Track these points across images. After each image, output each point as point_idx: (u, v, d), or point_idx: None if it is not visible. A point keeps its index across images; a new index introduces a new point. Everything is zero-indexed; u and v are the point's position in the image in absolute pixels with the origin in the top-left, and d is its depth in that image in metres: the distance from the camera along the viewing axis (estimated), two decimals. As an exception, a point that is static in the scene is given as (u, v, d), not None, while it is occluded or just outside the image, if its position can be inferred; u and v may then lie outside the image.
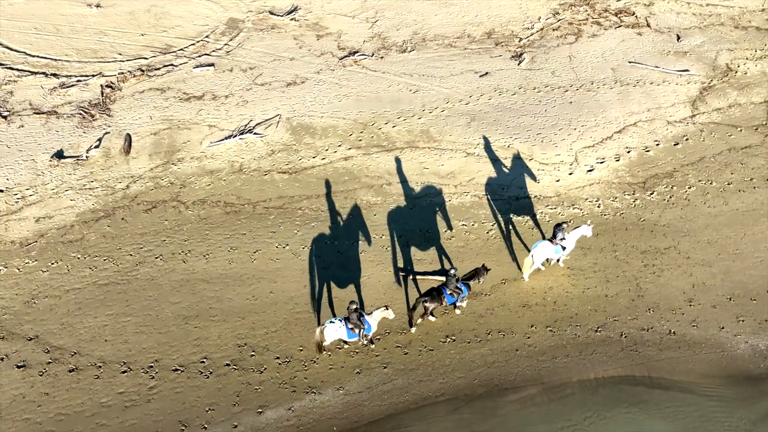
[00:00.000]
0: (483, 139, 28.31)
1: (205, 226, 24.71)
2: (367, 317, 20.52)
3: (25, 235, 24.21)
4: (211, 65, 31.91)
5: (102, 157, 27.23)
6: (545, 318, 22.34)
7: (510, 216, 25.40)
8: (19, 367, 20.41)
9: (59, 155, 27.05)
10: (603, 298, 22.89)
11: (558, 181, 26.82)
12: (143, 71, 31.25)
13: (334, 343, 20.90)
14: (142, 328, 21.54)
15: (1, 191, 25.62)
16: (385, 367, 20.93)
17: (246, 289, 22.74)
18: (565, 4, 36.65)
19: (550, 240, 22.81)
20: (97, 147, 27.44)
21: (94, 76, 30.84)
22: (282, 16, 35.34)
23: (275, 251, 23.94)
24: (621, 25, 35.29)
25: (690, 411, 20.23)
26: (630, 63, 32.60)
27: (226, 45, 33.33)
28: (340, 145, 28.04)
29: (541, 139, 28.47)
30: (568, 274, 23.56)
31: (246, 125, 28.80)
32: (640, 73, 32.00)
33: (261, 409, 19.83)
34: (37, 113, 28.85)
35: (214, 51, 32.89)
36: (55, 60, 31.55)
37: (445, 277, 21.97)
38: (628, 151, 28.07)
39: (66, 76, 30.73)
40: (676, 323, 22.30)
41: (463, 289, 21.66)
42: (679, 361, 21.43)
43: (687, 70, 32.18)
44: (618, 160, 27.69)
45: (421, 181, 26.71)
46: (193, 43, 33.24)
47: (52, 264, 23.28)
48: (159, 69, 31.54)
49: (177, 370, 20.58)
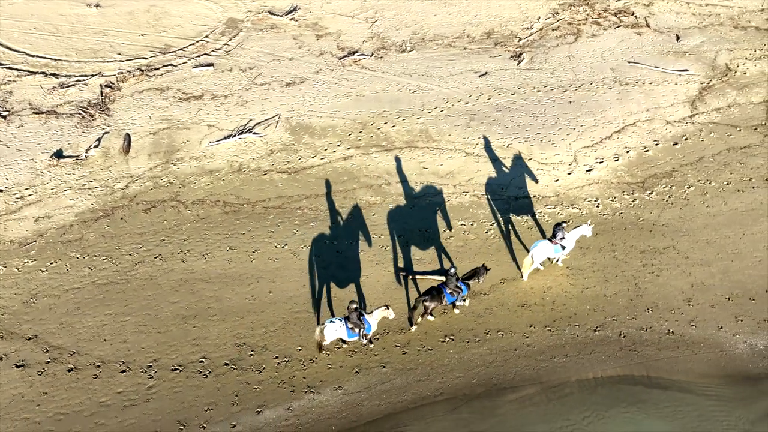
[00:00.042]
0: (482, 138, 28.33)
1: (204, 226, 24.72)
2: (367, 317, 20.51)
3: (24, 235, 24.23)
4: (211, 65, 31.93)
5: (101, 157, 27.24)
6: (544, 318, 22.35)
7: (509, 216, 25.41)
8: (18, 366, 20.42)
9: (58, 155, 27.07)
10: (602, 298, 22.90)
11: (557, 180, 26.83)
12: (143, 71, 31.26)
13: (333, 342, 20.91)
14: (141, 328, 21.55)
15: (0, 191, 25.65)
16: (383, 367, 20.94)
17: (245, 289, 22.75)
18: (564, 4, 36.65)
19: (550, 239, 22.81)
20: (96, 147, 27.45)
21: (93, 75, 30.86)
22: (281, 16, 35.36)
23: (274, 251, 23.95)
24: (620, 25, 35.29)
25: (688, 410, 20.23)
26: (629, 63, 32.60)
27: (225, 45, 33.34)
28: (339, 145, 28.05)
29: (540, 139, 28.48)
30: (567, 274, 23.57)
31: (245, 125, 28.81)
32: (640, 73, 32.00)
33: (260, 409, 19.85)
34: (36, 113, 28.87)
35: (213, 51, 32.90)
36: (55, 60, 31.57)
37: (444, 277, 21.99)
38: (627, 151, 28.08)
39: (65, 76, 30.74)
40: (675, 323, 22.31)
41: (463, 288, 21.68)
42: (678, 360, 21.44)
43: (686, 70, 32.19)
44: (617, 160, 27.70)
45: (420, 181, 26.72)
46: (192, 43, 33.25)
47: (51, 263, 23.29)
48: (158, 69, 31.55)
49: (176, 369, 20.60)
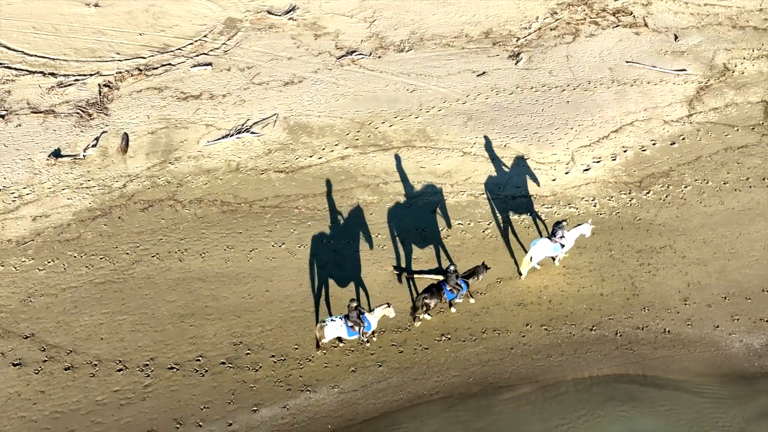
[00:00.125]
0: (479, 138, 28.34)
1: (202, 225, 24.75)
2: (367, 315, 20.55)
3: (21, 234, 24.27)
4: (209, 65, 31.96)
5: (99, 156, 27.28)
6: (540, 316, 22.37)
7: (506, 215, 25.42)
8: (14, 365, 20.47)
9: (56, 154, 27.10)
10: (598, 297, 22.92)
11: (554, 180, 26.85)
12: (141, 70, 31.29)
13: (330, 341, 20.93)
14: (137, 327, 21.59)
15: (-2, 190, 25.74)
16: (380, 366, 20.97)
17: (242, 288, 22.79)
18: (563, 4, 36.64)
19: (550, 238, 22.85)
20: (94, 146, 27.48)
21: (91, 75, 30.89)
22: (280, 16, 35.38)
23: (271, 250, 23.98)
24: (619, 25, 35.29)
25: (684, 409, 20.26)
26: (627, 62, 32.61)
27: (223, 44, 33.37)
28: (336, 145, 28.08)
29: (538, 138, 28.50)
30: (564, 273, 23.59)
31: (243, 124, 28.84)
32: (638, 72, 32.01)
33: (256, 408, 19.88)
34: (34, 112, 28.89)
35: (211, 50, 32.92)
36: (53, 59, 31.60)
37: (442, 276, 22.04)
38: (625, 151, 28.09)
39: (64, 76, 30.76)
40: (671, 322, 22.33)
41: (462, 286, 21.72)
42: (674, 359, 21.45)
43: (684, 70, 32.19)
44: (614, 160, 27.71)
45: (418, 181, 26.74)
46: (191, 43, 33.27)
47: (49, 262, 23.33)
48: (157, 68, 31.58)
49: (172, 368, 20.63)
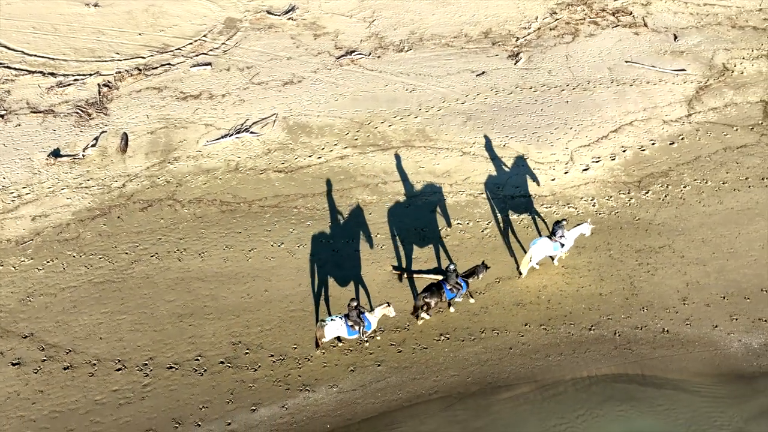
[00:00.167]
0: (479, 138, 28.35)
1: (201, 225, 24.77)
2: (367, 314, 20.56)
3: (21, 234, 24.29)
4: (209, 64, 31.97)
5: (98, 156, 27.30)
6: (539, 316, 22.38)
7: (505, 215, 25.43)
8: (14, 364, 20.49)
9: (56, 154, 27.13)
10: (597, 297, 22.93)
11: (553, 180, 26.85)
12: (140, 70, 31.30)
13: (330, 340, 20.93)
14: (136, 326, 21.61)
15: (-3, 190, 25.77)
16: (378, 365, 20.99)
17: (241, 288, 22.80)
18: (562, 4, 36.65)
19: (550, 237, 22.87)
20: (93, 146, 27.51)
21: (91, 75, 30.91)
22: (279, 16, 35.40)
23: (270, 250, 24.00)
24: (618, 25, 35.30)
25: (683, 409, 20.26)
26: (627, 62, 32.62)
27: (223, 44, 33.39)
28: (336, 144, 28.09)
29: (537, 138, 28.50)
30: (563, 273, 23.60)
31: (242, 124, 28.86)
32: (637, 72, 32.01)
33: (255, 407, 19.90)
34: (34, 112, 28.92)
35: (211, 50, 32.94)
36: (53, 59, 31.62)
37: (442, 275, 22.05)
38: (624, 150, 28.10)
39: (63, 75, 30.79)
40: (670, 322, 22.33)
41: (462, 285, 21.74)
42: (673, 359, 21.46)
43: (683, 70, 32.20)
44: (613, 159, 27.72)
45: (417, 180, 26.75)
46: (190, 43, 33.29)
47: (48, 262, 23.35)
48: (156, 68, 31.60)
49: (171, 367, 20.65)
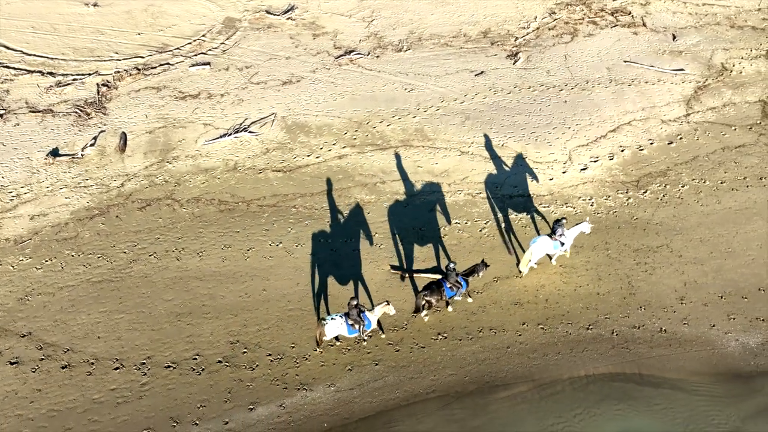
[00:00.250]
0: (477, 137, 28.36)
1: (199, 224, 24.79)
2: (367, 313, 20.60)
3: (19, 233, 24.32)
4: (207, 64, 32.00)
5: (97, 156, 27.33)
6: (537, 315, 22.40)
7: (503, 214, 25.45)
8: (12, 363, 20.51)
9: (54, 153, 27.16)
10: (595, 296, 22.95)
11: (551, 179, 26.86)
12: (139, 70, 31.33)
13: (329, 339, 20.97)
14: (135, 325, 21.63)
15: (-4, 189, 25.80)
16: (376, 365, 21.00)
17: (239, 287, 22.82)
18: (561, 4, 36.66)
19: (550, 235, 22.91)
20: (92, 145, 27.54)
21: (90, 74, 30.94)
22: (279, 15, 35.42)
23: (268, 249, 24.02)
24: (617, 25, 35.31)
25: (680, 408, 20.28)
26: (625, 62, 32.63)
27: (222, 44, 33.41)
28: (334, 144, 28.12)
29: (536, 137, 28.52)
30: (560, 272, 23.61)
31: (241, 124, 28.88)
32: (636, 72, 32.03)
33: (252, 406, 19.92)
34: (33, 111, 28.95)
35: (210, 50, 32.97)
36: (52, 59, 31.65)
37: (440, 274, 22.07)
38: (622, 150, 28.11)
39: (62, 75, 30.83)
40: (668, 321, 22.35)
41: (462, 283, 21.77)
42: (670, 358, 21.48)
43: (682, 70, 32.21)
44: (612, 159, 27.73)
45: (415, 180, 26.77)
46: (189, 42, 33.32)
47: (46, 261, 23.38)
48: (155, 68, 31.63)
49: (169, 366, 20.67)
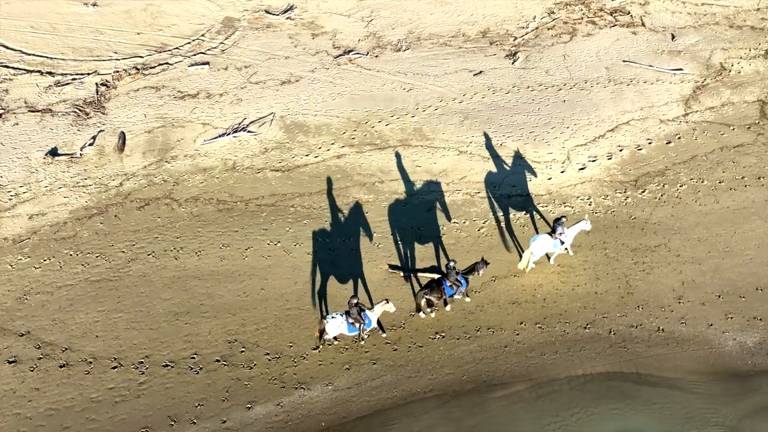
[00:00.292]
0: (476, 137, 28.39)
1: (198, 224, 24.82)
2: (368, 312, 20.65)
3: (18, 232, 24.34)
4: (206, 64, 32.03)
5: (96, 155, 27.36)
6: (534, 315, 22.42)
7: (501, 214, 25.47)
8: (10, 362, 20.53)
9: (53, 153, 27.19)
10: (592, 296, 22.96)
11: (550, 179, 26.88)
12: (138, 70, 31.37)
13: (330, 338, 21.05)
14: (133, 325, 21.66)
15: (-5, 188, 25.82)
16: (374, 364, 21.03)
17: (237, 286, 22.85)
18: (560, 4, 36.67)
19: (550, 234, 22.94)
20: (91, 145, 27.57)
21: (89, 74, 30.98)
22: (278, 15, 35.45)
23: (267, 248, 24.05)
24: (616, 25, 35.33)
25: (677, 407, 20.31)
26: (624, 62, 32.65)
27: (221, 44, 33.44)
28: (333, 144, 28.14)
29: (534, 137, 28.54)
30: (558, 271, 23.63)
31: (240, 123, 28.91)
32: (634, 72, 32.05)
33: (250, 405, 19.94)
34: (32, 111, 28.99)
35: (209, 49, 33.00)
36: (51, 58, 31.68)
37: (439, 274, 22.11)
38: (621, 150, 28.12)
39: (61, 75, 30.86)
40: (665, 320, 22.36)
41: (462, 282, 21.80)
42: (667, 357, 21.49)
43: (681, 69, 32.23)
44: (610, 159, 27.74)
45: (414, 179, 26.79)
46: (188, 42, 33.35)
47: (45, 261, 23.41)
48: (154, 67, 31.66)
49: (167, 365, 20.70)
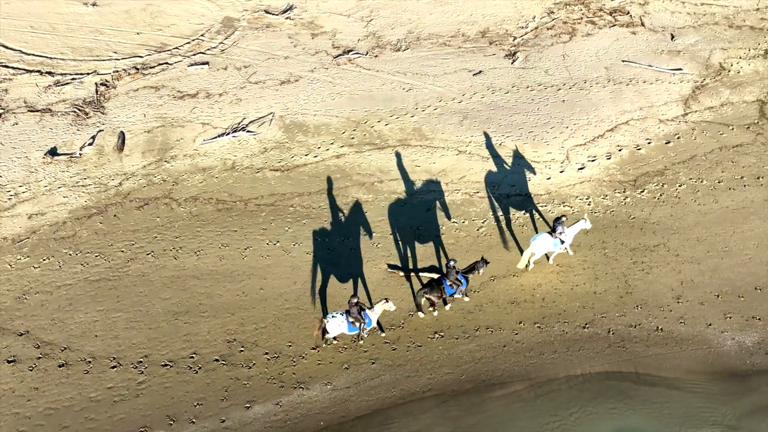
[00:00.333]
0: (475, 137, 28.40)
1: (197, 223, 24.83)
2: (368, 311, 20.67)
3: (17, 232, 24.35)
4: (206, 63, 32.04)
5: (95, 155, 27.38)
6: (533, 314, 22.43)
7: (501, 213, 25.48)
8: (9, 362, 20.54)
9: (53, 153, 27.20)
10: (591, 295, 22.97)
11: (549, 179, 26.89)
12: (138, 69, 31.38)
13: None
14: (132, 324, 21.67)
15: (-6, 188, 25.84)
16: (373, 363, 21.04)
17: (236, 286, 22.86)
18: (560, 3, 36.68)
19: (550, 233, 22.95)
20: (90, 144, 27.59)
21: (88, 74, 30.99)
22: (277, 15, 35.46)
23: (266, 248, 24.06)
24: (615, 24, 35.35)
25: (676, 407, 20.32)
26: (623, 62, 32.66)
27: (221, 43, 33.46)
28: (332, 143, 28.16)
29: (533, 137, 28.55)
30: (557, 271, 23.64)
31: (239, 123, 28.93)
32: (634, 71, 32.06)
33: (249, 404, 19.96)
34: (31, 111, 28.99)
35: (209, 49, 33.02)
36: (51, 58, 31.69)
37: (438, 273, 22.12)
38: (620, 150, 28.14)
39: (61, 74, 30.88)
40: (664, 320, 22.37)
41: (462, 281, 21.82)
42: (666, 357, 21.51)
43: (680, 69, 32.24)
44: (609, 158, 27.75)
45: (413, 179, 26.80)
46: (188, 42, 33.36)
47: (44, 260, 23.42)
48: (154, 67, 31.68)
49: (166, 365, 20.71)
